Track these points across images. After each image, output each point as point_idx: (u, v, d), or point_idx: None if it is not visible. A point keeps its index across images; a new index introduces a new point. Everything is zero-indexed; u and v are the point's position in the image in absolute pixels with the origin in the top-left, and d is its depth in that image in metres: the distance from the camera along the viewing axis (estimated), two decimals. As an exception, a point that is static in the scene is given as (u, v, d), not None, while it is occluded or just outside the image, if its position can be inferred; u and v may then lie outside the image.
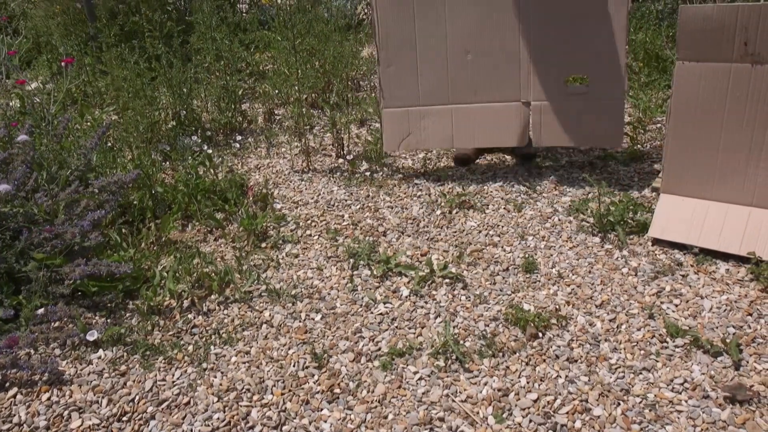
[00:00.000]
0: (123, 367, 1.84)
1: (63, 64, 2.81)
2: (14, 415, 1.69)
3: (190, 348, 1.91)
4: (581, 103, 2.52)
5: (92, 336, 1.92)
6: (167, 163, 3.03)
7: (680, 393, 1.62)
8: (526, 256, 2.20)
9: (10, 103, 3.31)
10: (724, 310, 1.88)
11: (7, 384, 1.80)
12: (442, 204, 2.58)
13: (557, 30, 2.49)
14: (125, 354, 1.90)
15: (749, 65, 2.08)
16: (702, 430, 1.51)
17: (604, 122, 2.53)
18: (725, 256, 2.10)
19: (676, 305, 1.92)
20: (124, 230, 2.43)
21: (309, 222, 2.53)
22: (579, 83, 2.54)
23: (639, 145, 2.90)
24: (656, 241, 2.22)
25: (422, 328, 1.91)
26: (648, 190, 2.55)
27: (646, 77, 3.52)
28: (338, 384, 1.72)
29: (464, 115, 2.57)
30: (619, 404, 1.60)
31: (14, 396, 1.76)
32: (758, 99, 2.09)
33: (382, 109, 2.63)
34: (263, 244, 2.40)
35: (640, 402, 1.60)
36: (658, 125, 3.11)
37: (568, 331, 1.85)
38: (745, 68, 2.09)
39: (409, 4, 2.58)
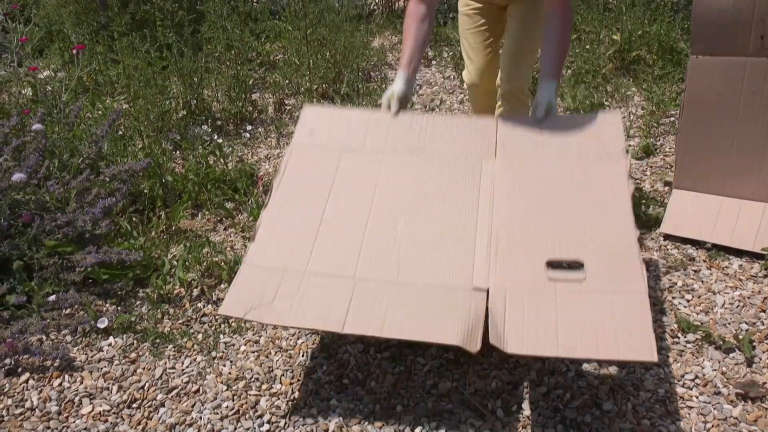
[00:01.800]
0: (133, 355, 1.85)
1: (74, 51, 2.80)
2: (26, 400, 1.71)
3: (200, 336, 1.91)
4: (575, 293, 1.46)
5: (103, 323, 1.93)
6: (178, 152, 3.03)
7: (691, 389, 1.61)
8: (537, 249, 2.19)
9: (23, 91, 3.32)
10: (737, 306, 1.86)
11: (20, 369, 1.81)
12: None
13: (538, 194, 1.67)
14: (135, 342, 1.91)
15: (765, 59, 2.05)
16: (713, 426, 1.50)
17: (618, 324, 1.38)
18: (738, 252, 2.08)
19: (688, 301, 1.91)
20: (134, 218, 2.44)
21: (319, 212, 2.53)
22: (570, 268, 1.53)
23: (652, 139, 2.87)
24: (668, 236, 2.20)
25: (431, 319, 1.90)
26: (660, 184, 2.53)
27: (660, 70, 3.48)
28: (347, 374, 1.72)
29: (374, 292, 1.52)
30: (629, 399, 1.59)
31: (26, 381, 1.77)
32: None
33: (244, 260, 1.63)
34: (273, 234, 2.40)
35: (651, 397, 1.59)
36: (672, 119, 3.07)
37: (578, 324, 1.84)
38: (761, 62, 2.06)
39: (334, 151, 1.85)
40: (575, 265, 1.50)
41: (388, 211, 1.69)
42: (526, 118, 1.96)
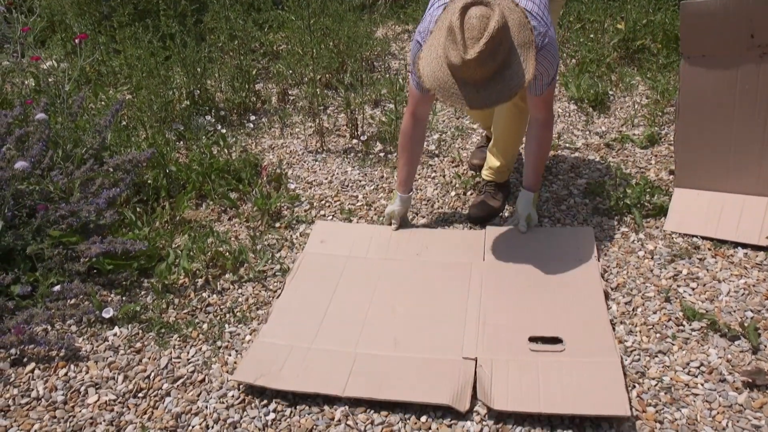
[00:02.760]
0: (138, 345, 1.86)
1: (77, 41, 2.79)
2: (32, 390, 1.71)
3: (205, 326, 1.92)
4: (555, 361, 1.65)
5: (108, 313, 1.94)
6: (181, 142, 3.03)
7: (696, 376, 1.60)
8: (541, 238, 2.18)
9: (25, 82, 3.32)
10: (742, 294, 1.86)
11: (25, 359, 1.82)
12: (457, 185, 2.56)
13: (522, 287, 1.93)
14: (140, 331, 1.91)
15: (757, 56, 2.05)
16: (718, 413, 1.50)
17: (594, 385, 1.56)
18: (743, 243, 2.07)
19: (693, 289, 1.90)
20: (138, 209, 2.44)
21: (323, 202, 2.53)
22: (551, 343, 1.71)
23: (656, 127, 2.85)
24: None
25: (436, 309, 1.90)
26: (665, 172, 2.52)
27: (664, 59, 3.46)
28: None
29: (373, 362, 1.70)
30: (634, 387, 1.59)
31: (32, 371, 1.78)
32: None
33: (257, 338, 1.83)
34: (277, 224, 2.40)
35: (656, 385, 1.59)
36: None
37: (583, 313, 1.84)
38: (753, 59, 2.06)
39: (341, 257, 2.13)
40: (555, 340, 1.71)
41: (387, 301, 1.93)
42: (511, 230, 2.20)
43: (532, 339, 1.72)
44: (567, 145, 2.80)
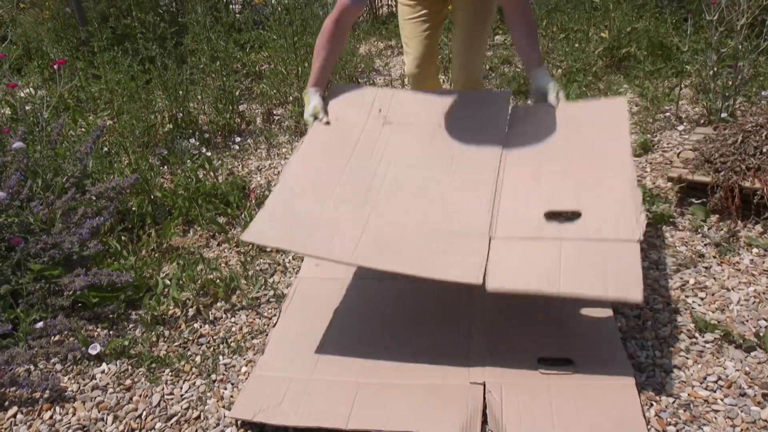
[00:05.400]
0: (128, 381, 1.77)
1: (55, 66, 2.72)
2: (15, 436, 1.61)
3: (198, 359, 1.83)
4: (567, 384, 1.56)
5: (94, 349, 1.84)
6: (165, 167, 2.94)
7: (715, 391, 1.54)
8: (542, 252, 2.13)
9: (1, 110, 3.22)
10: (753, 302, 1.81)
11: (6, 403, 1.72)
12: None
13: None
14: (130, 367, 1.82)
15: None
16: (742, 430, 1.43)
17: (608, 410, 1.47)
18: (749, 247, 2.02)
19: (702, 299, 1.85)
20: (123, 237, 2.35)
21: (315, 223, 2.45)
22: (561, 364, 1.62)
23: (649, 135, 2.83)
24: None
25: (439, 330, 1.83)
26: (662, 180, 2.48)
27: (651, 65, 3.45)
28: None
29: (376, 391, 1.61)
30: (651, 405, 1.52)
31: (14, 415, 1.68)
32: None
33: (254, 371, 1.72)
34: (268, 248, 2.32)
35: (674, 402, 1.52)
36: (667, 113, 3.04)
37: (592, 329, 1.77)
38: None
39: (337, 281, 2.04)
40: (565, 361, 1.62)
41: (387, 324, 1.85)
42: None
43: (542, 360, 1.65)
44: (560, 155, 2.75)
